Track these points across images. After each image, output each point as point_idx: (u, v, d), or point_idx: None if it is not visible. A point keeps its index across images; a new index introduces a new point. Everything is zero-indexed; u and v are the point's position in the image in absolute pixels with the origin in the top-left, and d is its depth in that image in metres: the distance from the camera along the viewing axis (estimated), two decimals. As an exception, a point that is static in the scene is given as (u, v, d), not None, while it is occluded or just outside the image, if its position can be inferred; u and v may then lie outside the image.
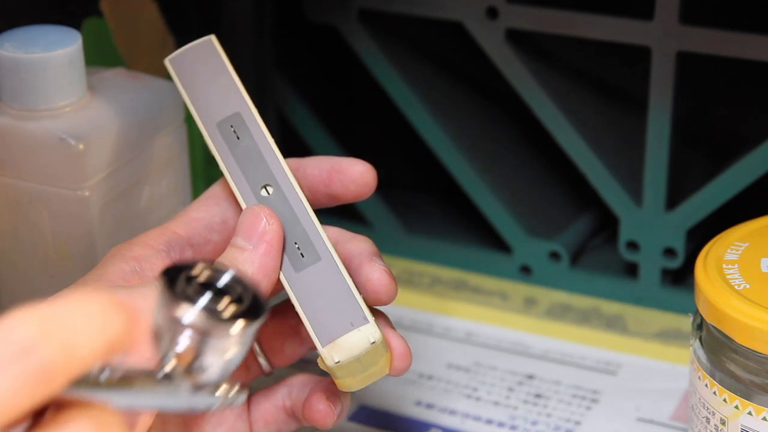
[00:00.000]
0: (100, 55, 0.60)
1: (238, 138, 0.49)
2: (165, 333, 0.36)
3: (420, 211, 0.73)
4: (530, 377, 0.61)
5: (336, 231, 0.49)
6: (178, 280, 0.36)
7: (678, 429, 0.57)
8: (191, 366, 0.36)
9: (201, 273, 0.37)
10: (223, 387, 0.38)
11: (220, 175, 0.49)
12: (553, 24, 0.63)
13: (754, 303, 0.47)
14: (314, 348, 0.48)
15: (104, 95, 0.53)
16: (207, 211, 0.49)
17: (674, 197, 0.63)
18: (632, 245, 0.65)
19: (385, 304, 0.48)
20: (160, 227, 0.48)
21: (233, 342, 0.37)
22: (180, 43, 0.65)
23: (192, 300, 0.36)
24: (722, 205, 0.62)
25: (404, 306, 0.66)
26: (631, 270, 0.66)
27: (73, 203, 0.52)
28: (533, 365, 0.62)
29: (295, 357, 0.50)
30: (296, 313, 0.47)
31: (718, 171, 0.63)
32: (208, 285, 0.37)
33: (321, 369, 0.47)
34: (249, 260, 0.46)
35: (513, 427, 0.57)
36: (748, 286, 0.48)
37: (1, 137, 0.52)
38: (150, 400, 0.36)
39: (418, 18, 0.66)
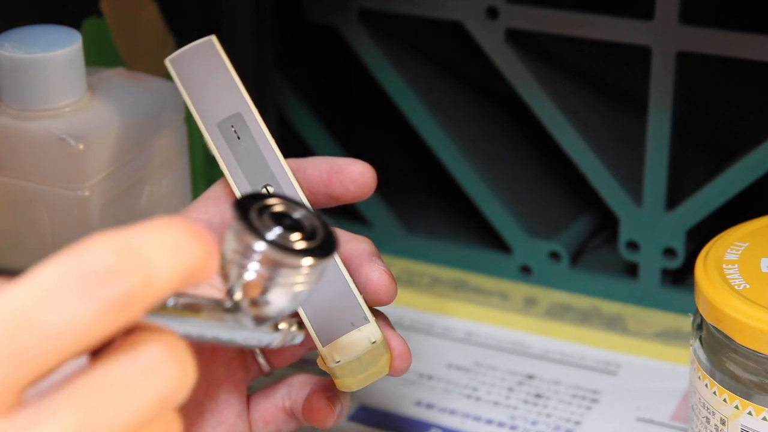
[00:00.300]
0: (100, 55, 0.60)
1: (238, 138, 0.49)
2: (234, 264, 0.36)
3: (420, 211, 0.73)
4: (530, 377, 0.61)
5: (336, 231, 0.49)
6: (251, 211, 0.36)
7: (678, 429, 0.57)
8: (258, 298, 0.37)
9: (275, 205, 0.37)
10: (284, 324, 0.39)
11: (221, 175, 0.49)
12: (553, 24, 0.63)
13: (754, 303, 0.47)
14: (314, 348, 0.48)
15: (104, 95, 0.53)
16: (207, 211, 0.49)
17: (674, 197, 0.63)
18: (632, 245, 0.65)
19: (385, 305, 0.48)
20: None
21: (301, 277, 0.37)
22: (180, 43, 0.65)
23: (264, 231, 0.36)
24: (722, 205, 0.62)
25: (404, 306, 0.66)
26: (631, 270, 0.66)
27: (73, 203, 0.52)
28: (533, 365, 0.62)
29: (295, 357, 0.50)
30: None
31: (718, 171, 0.63)
32: (282, 218, 0.37)
33: (321, 369, 0.47)
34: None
35: (513, 427, 0.57)
36: (748, 286, 0.48)
37: (1, 137, 0.52)
38: (213, 331, 0.36)
39: (418, 18, 0.66)
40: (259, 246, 0.36)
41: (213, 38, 0.51)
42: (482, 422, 0.58)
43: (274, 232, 0.36)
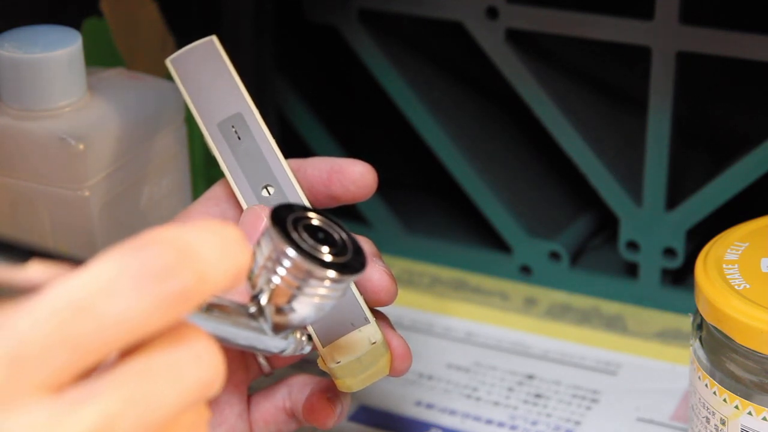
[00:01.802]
0: (100, 55, 0.60)
1: (239, 138, 0.49)
2: (264, 269, 0.38)
3: (420, 211, 0.73)
4: (530, 377, 0.61)
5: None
6: (286, 220, 0.38)
7: (678, 429, 0.57)
8: (283, 306, 0.38)
9: (310, 218, 0.39)
10: (297, 333, 0.41)
11: (221, 175, 0.49)
12: (553, 24, 0.63)
13: (754, 303, 0.47)
14: (315, 348, 0.48)
15: (104, 95, 0.53)
16: (208, 211, 0.49)
17: (674, 197, 0.63)
18: (632, 245, 0.65)
19: (385, 305, 0.48)
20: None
21: (327, 290, 0.38)
22: (180, 43, 0.65)
23: (296, 241, 0.37)
24: (722, 205, 0.62)
25: (404, 306, 0.66)
26: (631, 270, 0.66)
27: (73, 203, 0.52)
28: (533, 365, 0.62)
29: (295, 357, 0.50)
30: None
31: (718, 171, 0.63)
32: (315, 231, 0.38)
33: (321, 369, 0.47)
34: (250, 260, 0.46)
35: (513, 427, 0.57)
36: (748, 286, 0.48)
37: (1, 137, 0.52)
38: (233, 333, 0.37)
39: (418, 18, 0.66)
40: (292, 253, 0.37)
41: (214, 38, 0.51)
42: (482, 422, 0.58)
43: (308, 243, 0.38)
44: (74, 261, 0.31)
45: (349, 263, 0.39)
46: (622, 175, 0.65)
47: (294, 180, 0.49)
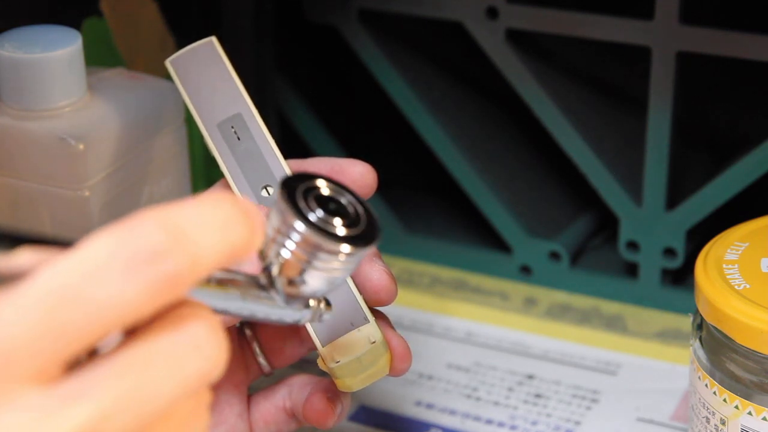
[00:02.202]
0: (100, 55, 0.60)
1: (238, 139, 0.49)
2: (275, 242, 0.36)
3: (420, 211, 0.73)
4: (530, 377, 0.61)
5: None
6: (297, 190, 0.37)
7: (678, 429, 0.57)
8: (294, 278, 0.37)
9: (322, 188, 0.38)
10: (313, 302, 0.39)
11: (221, 175, 0.49)
12: (553, 24, 0.63)
13: (754, 303, 0.47)
14: (314, 348, 0.48)
15: (104, 95, 0.53)
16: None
17: (674, 197, 0.63)
18: (632, 245, 0.65)
19: (385, 305, 0.48)
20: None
21: (339, 262, 0.37)
22: (180, 43, 0.65)
23: (307, 212, 0.36)
24: (722, 205, 0.62)
25: (404, 306, 0.66)
26: (631, 270, 0.66)
27: (73, 203, 0.52)
28: (533, 365, 0.62)
29: (295, 357, 0.50)
30: None
31: (718, 171, 0.63)
32: (327, 201, 0.37)
33: (321, 369, 0.47)
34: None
35: (513, 427, 0.57)
36: (748, 286, 0.48)
37: (1, 137, 0.52)
38: (248, 306, 0.36)
39: (418, 18, 0.66)
40: (301, 227, 0.36)
41: (213, 39, 0.51)
42: (482, 422, 0.58)
43: (317, 215, 0.36)
44: (64, 244, 0.30)
45: (361, 236, 0.37)
46: (622, 175, 0.65)
47: (294, 180, 0.49)
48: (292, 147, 0.67)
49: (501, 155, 0.71)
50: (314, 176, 0.38)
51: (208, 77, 0.50)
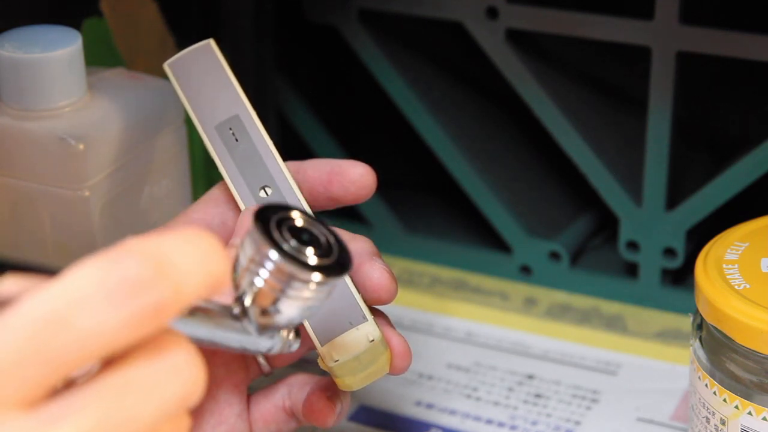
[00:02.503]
0: (100, 55, 0.60)
1: (236, 140, 0.49)
2: (248, 271, 0.37)
3: (420, 211, 0.73)
4: (530, 377, 0.61)
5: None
6: (270, 221, 0.37)
7: (678, 429, 0.57)
8: (268, 307, 0.38)
9: (294, 219, 0.38)
10: (283, 332, 0.40)
11: (221, 176, 0.49)
12: (553, 24, 0.63)
13: (754, 303, 0.47)
14: (313, 347, 0.48)
15: (104, 95, 0.53)
16: (207, 212, 0.49)
17: (674, 197, 0.63)
18: (632, 245, 0.65)
19: (385, 304, 0.48)
20: (161, 229, 0.48)
21: (311, 292, 0.38)
22: (180, 43, 0.65)
23: (280, 242, 0.37)
24: (722, 205, 0.62)
25: (404, 306, 0.66)
26: (631, 270, 0.66)
27: (73, 203, 0.52)
28: (533, 365, 0.62)
29: (295, 356, 0.50)
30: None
31: (718, 171, 0.63)
32: (300, 232, 0.38)
33: (321, 368, 0.47)
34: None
35: (513, 427, 0.57)
36: (748, 286, 0.48)
37: (1, 137, 0.52)
38: (221, 335, 0.37)
39: (418, 18, 0.66)
40: (274, 256, 0.37)
41: (211, 42, 0.51)
42: (482, 422, 0.58)
43: (290, 245, 0.37)
44: (49, 272, 0.31)
45: (334, 265, 0.38)
46: (622, 175, 0.65)
47: (292, 181, 0.49)
48: (291, 147, 0.67)
49: (501, 155, 0.71)
50: (288, 207, 0.39)
51: (206, 79, 0.50)
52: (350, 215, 0.71)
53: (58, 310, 0.29)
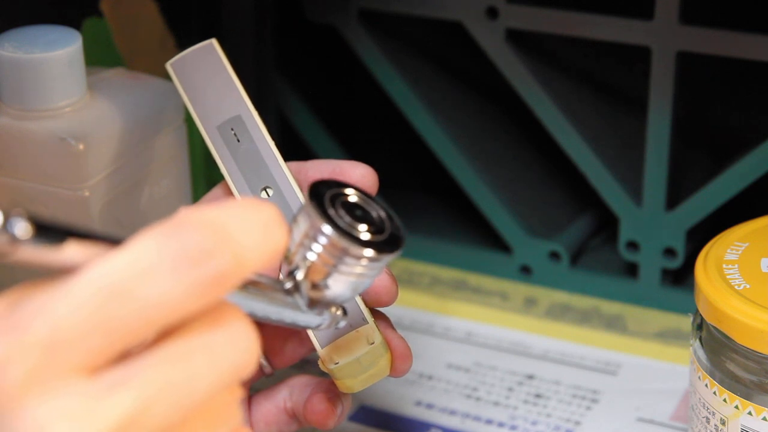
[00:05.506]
0: (100, 55, 0.60)
1: (238, 141, 0.49)
2: (301, 246, 0.37)
3: (420, 211, 0.73)
4: (530, 377, 0.61)
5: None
6: (325, 196, 0.38)
7: (678, 429, 0.57)
8: (319, 282, 0.38)
9: (348, 195, 0.39)
10: (332, 308, 0.40)
11: (222, 176, 0.49)
12: (553, 24, 0.63)
13: (754, 303, 0.47)
14: (314, 349, 0.48)
15: (104, 95, 0.53)
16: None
17: (674, 197, 0.63)
18: (632, 245, 0.65)
19: (386, 305, 0.48)
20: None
21: (363, 268, 0.38)
22: (180, 43, 0.65)
23: (333, 218, 0.37)
24: (722, 205, 0.62)
25: (404, 306, 0.66)
26: (631, 270, 0.66)
27: (73, 203, 0.52)
28: (533, 365, 0.62)
29: (296, 358, 0.50)
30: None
31: (718, 171, 0.63)
32: (354, 208, 0.38)
33: (322, 370, 0.47)
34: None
35: (513, 427, 0.57)
36: (748, 286, 0.48)
37: (1, 137, 0.52)
38: (269, 310, 0.37)
39: (418, 18, 0.66)
40: (329, 231, 0.37)
41: (213, 41, 0.51)
42: (482, 422, 0.58)
43: (344, 220, 0.37)
44: (111, 241, 0.31)
45: (386, 242, 0.38)
46: (622, 175, 0.65)
47: (293, 181, 0.49)
48: (292, 147, 0.67)
49: (501, 155, 0.71)
50: (342, 184, 0.39)
51: (208, 79, 0.50)
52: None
53: (121, 281, 0.29)
